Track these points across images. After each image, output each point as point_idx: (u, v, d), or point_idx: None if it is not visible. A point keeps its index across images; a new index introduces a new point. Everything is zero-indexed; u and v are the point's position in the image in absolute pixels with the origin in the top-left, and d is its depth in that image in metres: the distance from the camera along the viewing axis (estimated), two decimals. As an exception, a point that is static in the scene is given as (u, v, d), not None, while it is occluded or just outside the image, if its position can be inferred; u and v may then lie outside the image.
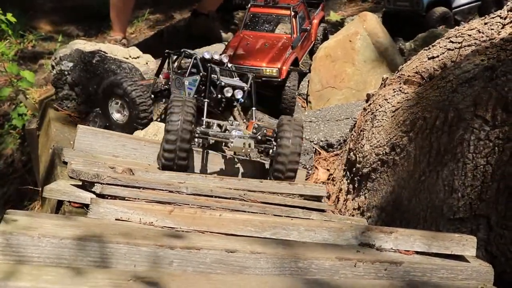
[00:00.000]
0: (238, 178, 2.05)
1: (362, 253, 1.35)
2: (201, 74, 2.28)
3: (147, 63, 4.04)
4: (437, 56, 2.35)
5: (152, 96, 2.56)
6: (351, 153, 2.43)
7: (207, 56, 2.35)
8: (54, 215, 1.38)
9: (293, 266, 1.24)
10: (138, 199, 1.51)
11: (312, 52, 3.37)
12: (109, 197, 1.49)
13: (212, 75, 2.27)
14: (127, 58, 3.79)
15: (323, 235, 1.38)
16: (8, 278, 0.91)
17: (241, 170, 2.33)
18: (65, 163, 1.99)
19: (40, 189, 3.03)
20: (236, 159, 2.35)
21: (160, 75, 2.65)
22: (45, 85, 4.22)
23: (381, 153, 2.25)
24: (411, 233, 1.51)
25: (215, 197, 1.73)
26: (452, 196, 2.04)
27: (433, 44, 2.43)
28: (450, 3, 3.93)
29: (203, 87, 2.26)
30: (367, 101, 3.04)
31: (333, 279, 1.24)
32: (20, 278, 0.92)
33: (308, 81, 3.22)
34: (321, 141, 2.78)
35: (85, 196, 1.54)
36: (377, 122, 2.31)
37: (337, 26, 4.37)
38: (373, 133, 2.31)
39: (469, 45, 2.27)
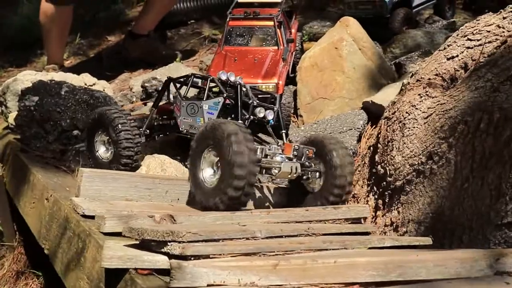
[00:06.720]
0: (283, 210, 1.83)
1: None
2: (224, 95, 2.04)
3: (104, 90, 3.70)
4: (457, 56, 2.25)
5: (147, 131, 2.26)
6: (379, 167, 2.27)
7: (223, 77, 2.11)
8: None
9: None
10: (223, 254, 1.24)
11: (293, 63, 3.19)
12: (192, 258, 1.21)
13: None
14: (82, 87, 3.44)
15: (455, 269, 1.20)
16: None
17: (268, 198, 2.12)
18: (86, 216, 1.67)
19: (15, 243, 2.67)
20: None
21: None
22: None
23: (416, 163, 2.11)
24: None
25: (285, 236, 1.51)
26: (499, 201, 1.94)
27: (447, 43, 2.33)
28: (411, 3, 3.91)
29: (228, 110, 2.03)
30: (363, 108, 2.91)
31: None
32: None
33: (294, 92, 3.03)
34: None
35: (156, 260, 1.24)
36: (408, 130, 2.16)
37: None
38: (404, 143, 2.16)
39: (490, 42, 2.18)
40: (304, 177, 2.04)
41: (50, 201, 1.92)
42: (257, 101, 2.09)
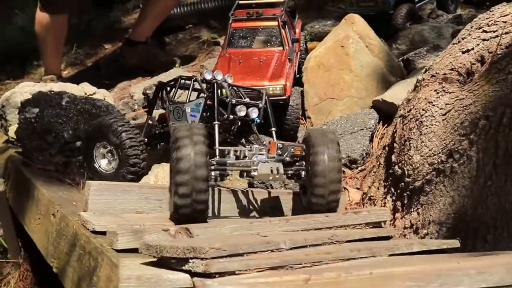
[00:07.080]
0: (302, 217, 1.74)
1: None
2: (205, 96, 1.94)
3: (104, 98, 3.61)
4: (472, 49, 2.17)
5: (146, 140, 2.17)
6: (396, 167, 2.18)
7: (208, 77, 2.00)
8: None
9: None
10: (249, 269, 1.16)
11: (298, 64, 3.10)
12: (217, 275, 1.12)
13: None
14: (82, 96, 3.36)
15: (500, 276, 1.11)
16: None
17: (262, 204, 2.03)
18: (96, 232, 1.58)
19: (20, 260, 2.58)
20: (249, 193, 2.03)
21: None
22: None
23: (436, 162, 2.03)
24: None
25: (310, 246, 1.42)
26: (524, 197, 1.87)
27: (461, 36, 2.24)
28: (414, -2, 3.83)
29: (210, 111, 1.93)
30: (374, 107, 2.82)
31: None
32: None
33: (301, 93, 2.93)
34: (343, 158, 2.50)
35: (177, 278, 1.15)
36: (426, 128, 2.08)
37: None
38: (422, 141, 2.08)
39: (507, 33, 2.10)
40: (291, 178, 1.89)
41: (56, 217, 1.83)
42: (237, 99, 1.96)
